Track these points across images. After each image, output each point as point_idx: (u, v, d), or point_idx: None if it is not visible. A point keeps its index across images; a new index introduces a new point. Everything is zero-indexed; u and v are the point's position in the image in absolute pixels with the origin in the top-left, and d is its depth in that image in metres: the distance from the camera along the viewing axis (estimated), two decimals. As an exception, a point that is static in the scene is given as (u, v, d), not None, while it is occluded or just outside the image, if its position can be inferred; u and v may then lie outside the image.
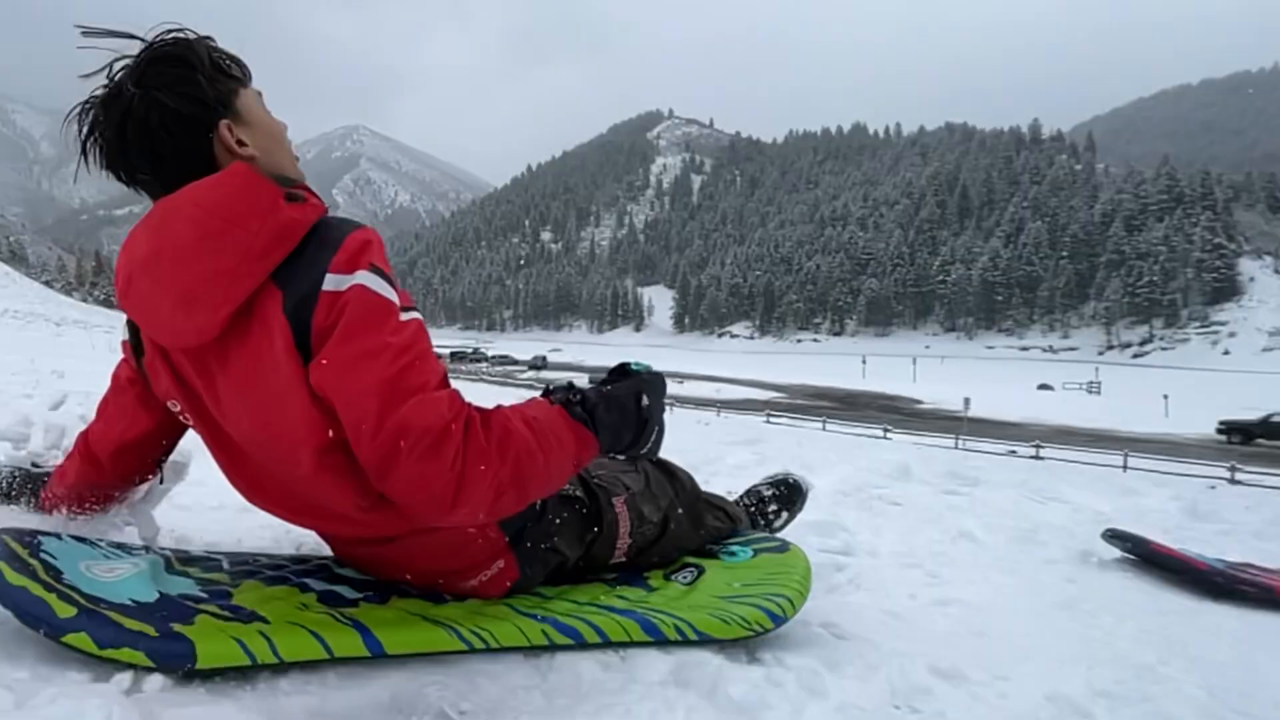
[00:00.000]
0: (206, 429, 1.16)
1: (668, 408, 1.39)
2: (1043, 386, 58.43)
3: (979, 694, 1.27)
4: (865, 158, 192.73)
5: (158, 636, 1.03)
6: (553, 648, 1.24)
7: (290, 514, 1.21)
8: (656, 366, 1.34)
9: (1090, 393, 56.26)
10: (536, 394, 1.26)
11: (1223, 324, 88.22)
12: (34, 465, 1.51)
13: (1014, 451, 19.70)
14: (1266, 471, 17.64)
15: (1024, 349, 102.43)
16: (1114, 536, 2.69)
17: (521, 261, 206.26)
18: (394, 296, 1.07)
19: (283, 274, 1.06)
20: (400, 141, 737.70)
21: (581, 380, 1.40)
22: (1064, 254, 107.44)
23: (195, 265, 1.03)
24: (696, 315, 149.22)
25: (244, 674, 1.03)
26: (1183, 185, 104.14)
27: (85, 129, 1.11)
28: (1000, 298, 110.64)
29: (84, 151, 1.11)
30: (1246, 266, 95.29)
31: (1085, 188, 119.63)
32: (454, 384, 1.09)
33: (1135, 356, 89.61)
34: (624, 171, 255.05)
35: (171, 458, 1.41)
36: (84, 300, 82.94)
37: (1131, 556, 2.64)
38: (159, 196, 1.10)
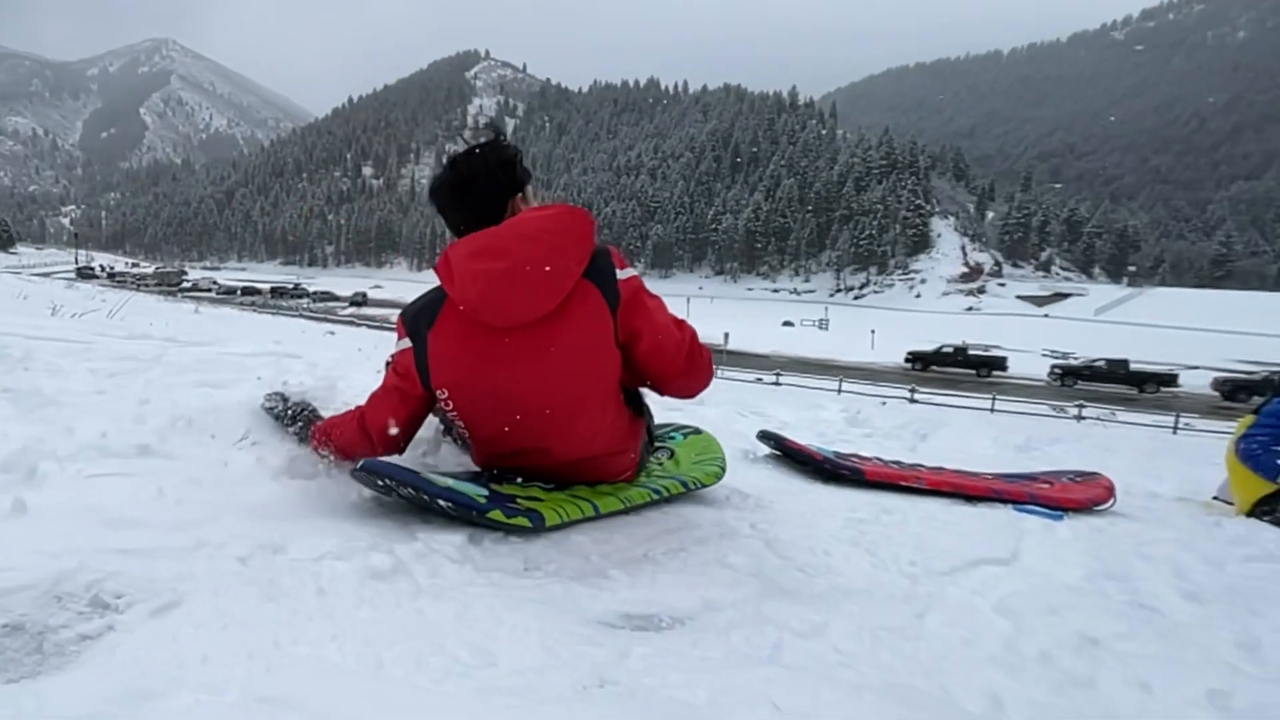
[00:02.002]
0: (487, 399, 1.56)
1: None
2: (786, 323, 62.29)
3: (589, 555, 1.46)
4: (657, 112, 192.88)
5: (526, 510, 1.50)
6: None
7: (553, 441, 1.63)
8: None
9: (821, 328, 60.12)
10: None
11: (917, 272, 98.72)
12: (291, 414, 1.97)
13: (760, 379, 20.98)
14: (933, 391, 20.15)
15: (775, 290, 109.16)
16: (764, 436, 2.93)
17: (344, 196, 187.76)
18: None
19: (590, 274, 1.53)
20: (215, 61, 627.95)
21: None
22: (809, 208, 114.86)
23: (556, 261, 1.47)
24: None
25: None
26: (898, 153, 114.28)
27: (446, 179, 1.61)
28: (759, 245, 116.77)
29: (442, 190, 1.62)
30: (936, 224, 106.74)
31: (828, 150, 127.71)
32: (275, 319, 1.41)
33: (856, 298, 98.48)
34: (443, 110, 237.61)
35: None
36: None
37: (776, 452, 2.88)
38: (461, 227, 1.58)
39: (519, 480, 1.66)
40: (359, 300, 64.14)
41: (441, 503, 1.42)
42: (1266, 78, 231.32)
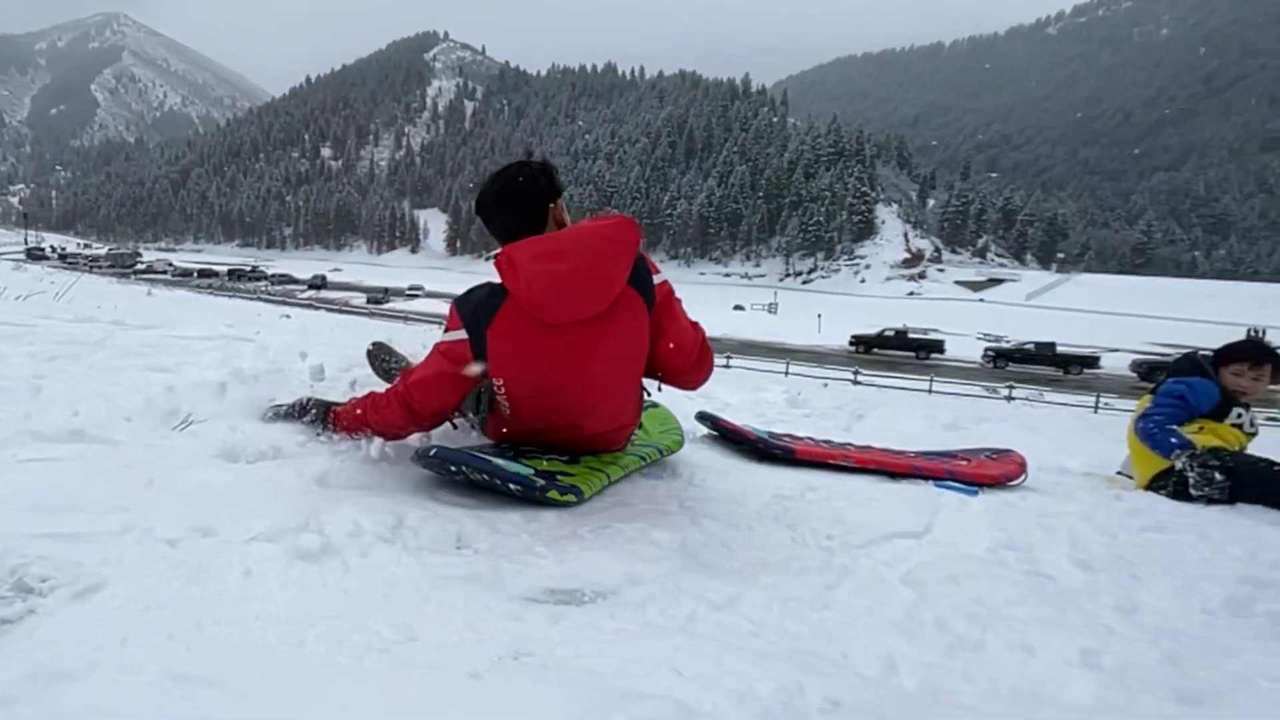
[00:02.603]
0: (539, 383, 1.73)
1: None
2: (737, 307, 62.23)
3: (519, 533, 1.48)
4: (614, 97, 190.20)
5: (569, 487, 1.66)
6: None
7: (586, 419, 1.83)
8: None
9: (770, 312, 60.29)
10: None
11: (862, 257, 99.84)
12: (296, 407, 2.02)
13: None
14: (876, 374, 20.50)
15: (727, 275, 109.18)
16: (701, 417, 2.94)
17: (303, 177, 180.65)
18: None
19: (632, 279, 1.69)
20: (169, 37, 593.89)
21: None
22: (761, 194, 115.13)
23: (609, 268, 1.64)
24: (467, 239, 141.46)
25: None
26: (845, 141, 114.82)
27: (494, 188, 1.76)
28: (712, 230, 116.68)
29: (496, 200, 1.77)
30: (881, 212, 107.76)
31: (779, 138, 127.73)
32: (231, 302, 1.47)
33: (804, 283, 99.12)
34: (402, 92, 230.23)
35: None
36: None
37: (714, 432, 2.88)
38: (506, 233, 1.73)
39: (545, 459, 1.80)
40: (318, 283, 62.49)
41: (512, 486, 1.59)
42: (1186, 74, 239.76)
